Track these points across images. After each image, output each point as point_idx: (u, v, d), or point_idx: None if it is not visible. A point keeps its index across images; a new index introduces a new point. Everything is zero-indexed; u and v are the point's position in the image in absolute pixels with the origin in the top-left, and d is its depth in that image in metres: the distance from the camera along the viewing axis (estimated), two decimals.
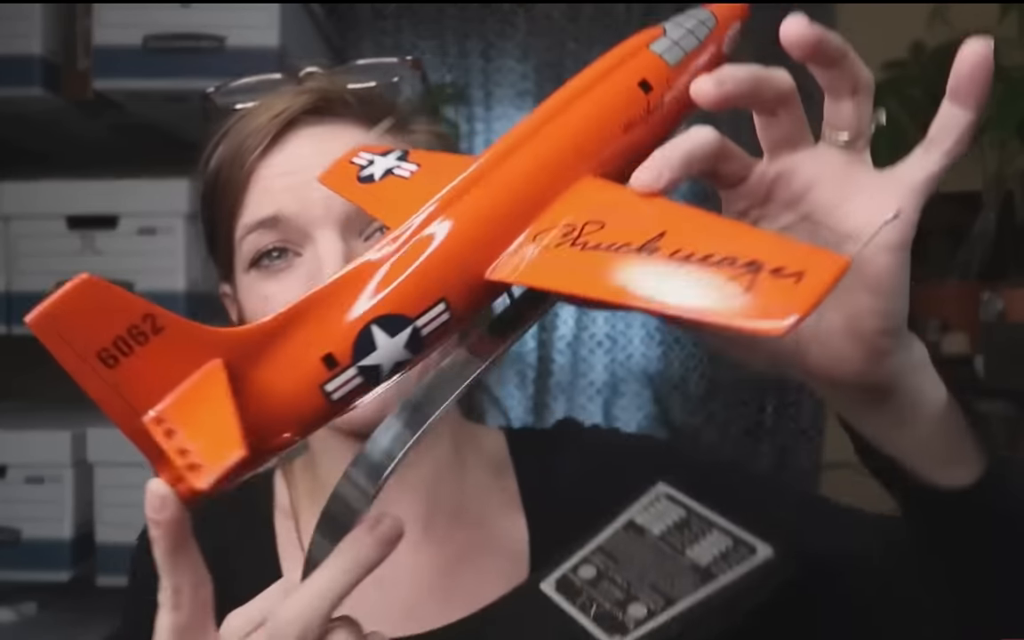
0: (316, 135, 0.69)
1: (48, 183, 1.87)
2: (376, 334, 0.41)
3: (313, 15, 2.09)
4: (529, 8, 2.49)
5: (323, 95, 0.69)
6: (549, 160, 0.43)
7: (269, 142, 0.68)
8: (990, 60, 0.45)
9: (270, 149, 0.68)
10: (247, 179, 0.69)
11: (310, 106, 0.69)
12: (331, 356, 0.41)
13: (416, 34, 2.51)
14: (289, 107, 0.68)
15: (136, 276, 1.78)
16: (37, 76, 1.78)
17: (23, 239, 1.83)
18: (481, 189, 0.42)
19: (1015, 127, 2.15)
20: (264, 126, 0.68)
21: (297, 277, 0.67)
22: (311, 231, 0.67)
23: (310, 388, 0.41)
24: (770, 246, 0.34)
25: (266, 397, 0.41)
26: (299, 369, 0.41)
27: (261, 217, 0.67)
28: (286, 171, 0.68)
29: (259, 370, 0.41)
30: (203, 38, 1.76)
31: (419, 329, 0.41)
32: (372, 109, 0.71)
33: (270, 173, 0.68)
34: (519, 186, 0.42)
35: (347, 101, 0.70)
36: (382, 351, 0.41)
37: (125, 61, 1.76)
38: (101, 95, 1.82)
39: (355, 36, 2.50)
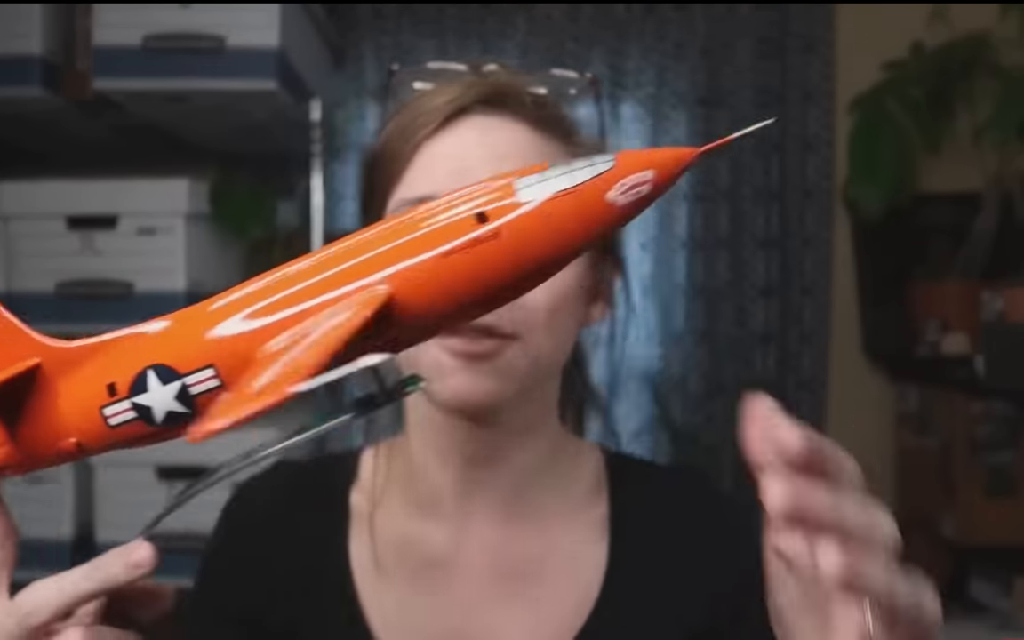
0: (485, 125, 0.70)
1: (48, 183, 1.86)
2: (151, 378, 0.47)
3: (313, 15, 2.08)
4: (529, 8, 2.49)
5: (499, 88, 0.71)
6: (337, 267, 0.47)
7: (440, 124, 0.70)
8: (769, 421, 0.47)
9: (439, 131, 0.70)
10: (411, 155, 0.70)
11: (483, 97, 0.70)
12: (113, 385, 0.47)
13: (416, 34, 2.51)
14: (464, 94, 0.70)
15: (136, 276, 1.77)
16: (37, 76, 1.78)
17: (23, 239, 1.83)
18: (277, 283, 0.47)
19: (1015, 127, 2.15)
20: (438, 107, 0.70)
21: None
22: None
23: (92, 408, 0.48)
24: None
25: (62, 404, 0.48)
26: (90, 388, 0.48)
27: (418, 194, 0.69)
28: (450, 155, 0.69)
29: (64, 380, 0.49)
30: (203, 38, 1.76)
31: (188, 386, 0.46)
32: (543, 112, 0.72)
33: (434, 154, 0.70)
34: (302, 290, 0.47)
35: (521, 99, 0.71)
36: (153, 394, 0.47)
37: (125, 61, 1.76)
38: (101, 95, 1.82)
39: (355, 36, 2.50)
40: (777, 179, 2.51)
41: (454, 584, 0.75)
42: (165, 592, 0.56)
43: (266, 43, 1.76)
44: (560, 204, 0.44)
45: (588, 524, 0.78)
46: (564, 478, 0.79)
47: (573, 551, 0.77)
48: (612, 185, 0.44)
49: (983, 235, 2.30)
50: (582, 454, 0.82)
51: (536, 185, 0.45)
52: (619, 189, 0.44)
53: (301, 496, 0.81)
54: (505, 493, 0.76)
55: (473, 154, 0.69)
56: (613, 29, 2.49)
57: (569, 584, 0.76)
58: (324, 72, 2.24)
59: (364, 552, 0.77)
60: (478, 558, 0.76)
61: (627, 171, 0.44)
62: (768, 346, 2.53)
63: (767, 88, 2.50)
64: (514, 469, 0.76)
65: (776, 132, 2.51)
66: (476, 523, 0.76)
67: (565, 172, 0.45)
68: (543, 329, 0.70)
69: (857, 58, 2.46)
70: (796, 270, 2.52)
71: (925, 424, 2.35)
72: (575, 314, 0.74)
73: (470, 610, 0.75)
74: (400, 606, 0.75)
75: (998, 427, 2.18)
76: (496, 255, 0.44)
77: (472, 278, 0.45)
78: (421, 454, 0.77)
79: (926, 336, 2.30)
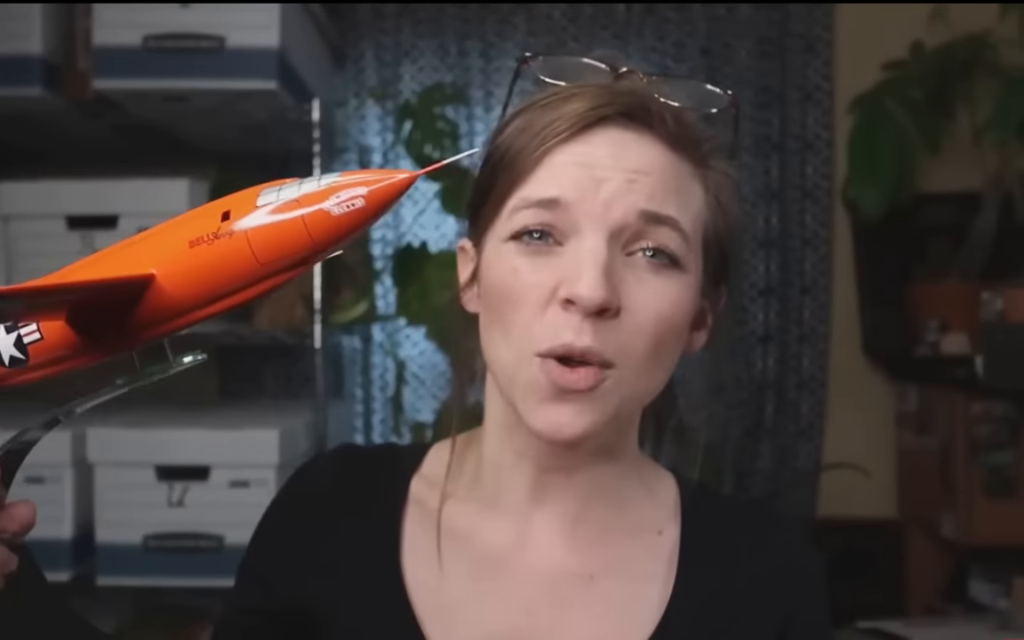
0: (621, 138, 0.69)
1: (48, 183, 1.87)
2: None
3: (313, 15, 2.08)
4: (529, 8, 2.49)
5: (641, 102, 0.69)
6: (121, 253, 0.56)
7: (576, 132, 0.68)
8: None
9: (573, 137, 0.69)
10: (541, 158, 0.69)
11: (624, 109, 0.69)
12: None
13: (416, 34, 2.51)
14: (606, 104, 0.69)
15: None
16: (37, 76, 1.78)
17: (23, 239, 1.83)
18: (89, 264, 0.57)
19: (1015, 127, 2.15)
20: (576, 114, 0.68)
21: (550, 263, 0.67)
22: (582, 227, 0.67)
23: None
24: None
25: None
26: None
27: (543, 196, 0.68)
28: (580, 162, 0.68)
29: None
30: (203, 38, 1.76)
31: (21, 335, 0.57)
32: (681, 131, 0.70)
33: (564, 159, 0.68)
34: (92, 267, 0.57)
35: (661, 115, 0.69)
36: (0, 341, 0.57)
37: (125, 61, 1.76)
38: (101, 95, 1.82)
39: (355, 36, 2.50)
40: (777, 179, 2.51)
41: (513, 584, 0.75)
42: (22, 513, 0.61)
43: (266, 43, 1.76)
44: (286, 208, 0.51)
45: (656, 548, 0.78)
46: (635, 499, 0.78)
47: (638, 572, 0.76)
48: (328, 196, 0.50)
49: (983, 235, 2.30)
50: (657, 480, 0.81)
51: (273, 192, 0.52)
52: (334, 200, 0.50)
53: (362, 480, 0.81)
54: (574, 504, 0.76)
55: (604, 165, 0.67)
56: (613, 29, 2.49)
57: (631, 603, 0.75)
58: (324, 72, 2.24)
59: (421, 543, 0.77)
60: (541, 562, 0.76)
61: (344, 186, 0.50)
62: (768, 346, 2.53)
63: (767, 88, 2.50)
64: (586, 483, 0.76)
65: (776, 132, 2.51)
66: (542, 528, 0.76)
67: (297, 184, 0.52)
68: (644, 359, 0.68)
69: (857, 58, 2.46)
70: (796, 270, 2.53)
71: (925, 424, 2.35)
72: (678, 345, 0.72)
73: (527, 613, 0.74)
74: (453, 599, 0.75)
75: (998, 427, 2.18)
76: (232, 251, 0.52)
77: (216, 269, 0.52)
78: (495, 452, 0.77)
79: (926, 336, 2.30)
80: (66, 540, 1.74)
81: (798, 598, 0.77)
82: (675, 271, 0.69)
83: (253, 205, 0.52)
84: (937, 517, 2.26)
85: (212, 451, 1.78)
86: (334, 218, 0.51)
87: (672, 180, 0.69)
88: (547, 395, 0.67)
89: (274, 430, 1.79)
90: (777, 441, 2.52)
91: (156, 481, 1.76)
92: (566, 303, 0.66)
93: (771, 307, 2.53)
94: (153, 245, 0.55)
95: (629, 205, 0.67)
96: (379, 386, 2.52)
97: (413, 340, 2.49)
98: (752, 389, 2.49)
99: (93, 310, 0.54)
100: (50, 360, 0.58)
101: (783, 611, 0.76)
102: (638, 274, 0.67)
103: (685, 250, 0.69)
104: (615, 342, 0.66)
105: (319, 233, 0.51)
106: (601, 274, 0.65)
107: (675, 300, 0.69)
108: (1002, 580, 2.13)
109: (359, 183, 0.51)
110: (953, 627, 2.02)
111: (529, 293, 0.67)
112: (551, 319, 0.66)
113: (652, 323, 0.67)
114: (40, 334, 0.57)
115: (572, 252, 0.67)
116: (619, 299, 0.66)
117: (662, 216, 0.68)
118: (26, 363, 0.58)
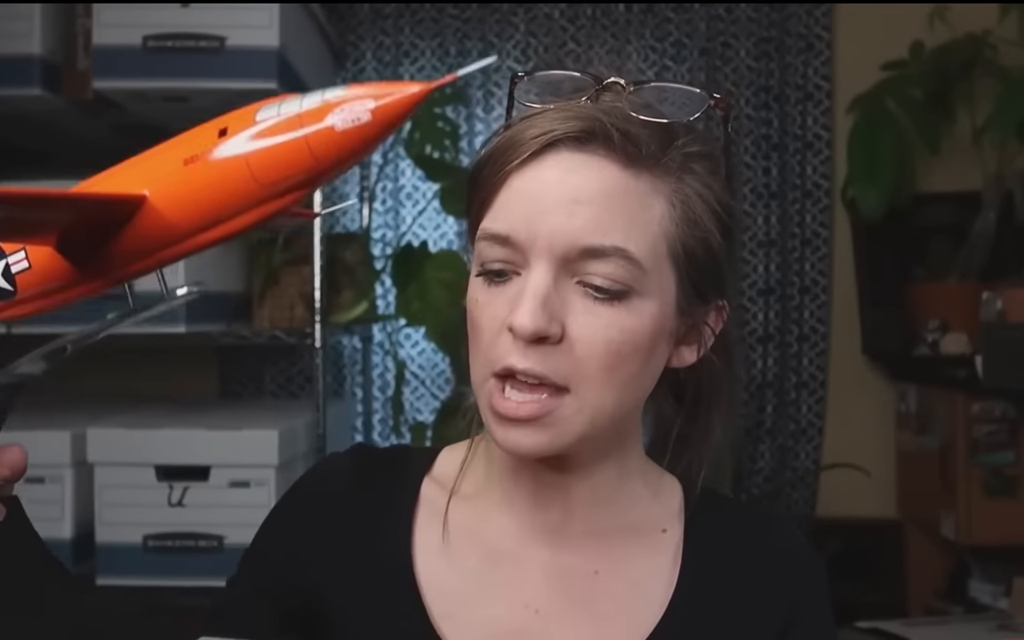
0: (568, 163, 0.69)
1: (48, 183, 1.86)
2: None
3: (313, 15, 2.09)
4: (529, 8, 2.50)
5: (588, 124, 0.70)
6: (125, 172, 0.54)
7: (526, 158, 0.70)
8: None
9: (526, 164, 0.70)
10: (500, 184, 0.71)
11: (572, 133, 0.70)
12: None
13: (416, 34, 2.51)
14: (552, 131, 0.70)
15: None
16: (37, 76, 1.78)
17: None
18: (79, 189, 0.53)
19: (1015, 127, 2.15)
20: (526, 142, 0.70)
21: (505, 295, 0.70)
22: (531, 259, 0.69)
23: None
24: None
25: None
26: None
27: (495, 231, 0.70)
28: (529, 192, 0.69)
29: None
30: (203, 38, 1.76)
31: (9, 265, 0.55)
32: (636, 147, 0.70)
33: (516, 189, 0.70)
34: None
35: (610, 137, 0.69)
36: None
37: (125, 61, 1.76)
38: (101, 95, 1.82)
39: (355, 36, 2.50)
40: (776, 179, 2.52)
41: (520, 581, 0.77)
42: (12, 457, 0.62)
43: (266, 43, 1.76)
44: (288, 124, 0.48)
45: (660, 546, 0.79)
46: (639, 500, 0.79)
47: (642, 569, 0.78)
48: (332, 110, 0.47)
49: (983, 235, 2.30)
50: (662, 481, 0.82)
51: (273, 108, 0.49)
52: (339, 114, 0.47)
53: (374, 479, 0.82)
54: (577, 505, 0.77)
55: (551, 194, 0.68)
56: (613, 29, 2.49)
57: (635, 600, 0.76)
58: (324, 72, 2.24)
59: (430, 540, 0.78)
60: (547, 559, 0.77)
61: (350, 99, 0.47)
62: (768, 346, 2.53)
63: (767, 88, 2.51)
64: (586, 486, 0.77)
65: (776, 132, 2.51)
66: (547, 527, 0.77)
67: (298, 100, 0.49)
68: (598, 382, 0.69)
69: (857, 58, 2.46)
70: (796, 270, 2.53)
71: (925, 424, 2.35)
72: (649, 361, 0.72)
73: (534, 609, 0.76)
74: (462, 597, 0.76)
75: (998, 427, 2.18)
76: (230, 170, 0.49)
77: (211, 189, 0.49)
78: (501, 453, 0.78)
79: (926, 336, 2.30)
80: (66, 540, 1.74)
81: (800, 595, 0.79)
82: (629, 297, 0.69)
83: (252, 121, 0.49)
84: (937, 517, 2.26)
85: (212, 451, 1.78)
86: (338, 134, 0.48)
87: (621, 204, 0.69)
88: (499, 418, 0.70)
89: (274, 430, 1.79)
90: (777, 441, 2.52)
91: (156, 481, 1.76)
92: (510, 330, 0.68)
93: (771, 307, 2.53)
94: (146, 165, 0.52)
95: (570, 239, 0.68)
96: (379, 386, 2.52)
97: (413, 340, 2.49)
98: (752, 389, 2.50)
99: (83, 233, 0.51)
100: (40, 292, 0.56)
101: (786, 608, 0.77)
102: (586, 303, 0.69)
103: (637, 275, 0.69)
104: (565, 366, 0.68)
105: (322, 151, 0.48)
106: (538, 305, 0.67)
107: (626, 328, 0.69)
108: (1002, 580, 2.13)
109: (365, 97, 0.48)
110: (953, 627, 2.03)
111: (488, 323, 0.70)
112: (501, 344, 0.69)
113: (601, 350, 0.69)
114: (28, 263, 0.55)
115: (522, 282, 0.69)
116: (560, 327, 0.68)
117: (604, 248, 0.68)
118: (14, 295, 0.56)
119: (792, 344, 2.52)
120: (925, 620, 2.14)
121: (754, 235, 2.51)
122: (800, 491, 2.50)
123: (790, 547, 0.81)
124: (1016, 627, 1.91)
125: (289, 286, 2.03)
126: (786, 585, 0.78)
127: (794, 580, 0.79)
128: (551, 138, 0.69)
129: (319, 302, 1.87)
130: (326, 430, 1.92)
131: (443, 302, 2.06)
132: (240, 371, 2.47)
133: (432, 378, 2.51)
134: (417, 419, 2.44)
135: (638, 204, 0.69)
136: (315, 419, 1.93)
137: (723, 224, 0.73)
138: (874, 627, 1.96)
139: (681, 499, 0.82)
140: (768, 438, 2.52)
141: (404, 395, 2.40)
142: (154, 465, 1.77)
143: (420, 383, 2.49)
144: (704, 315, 0.76)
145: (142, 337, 1.83)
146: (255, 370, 2.47)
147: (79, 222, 0.51)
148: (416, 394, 2.50)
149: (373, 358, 2.51)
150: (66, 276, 0.54)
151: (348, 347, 2.52)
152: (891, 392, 2.50)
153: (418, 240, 2.29)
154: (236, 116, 0.49)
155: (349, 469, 0.83)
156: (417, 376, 2.49)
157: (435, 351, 2.46)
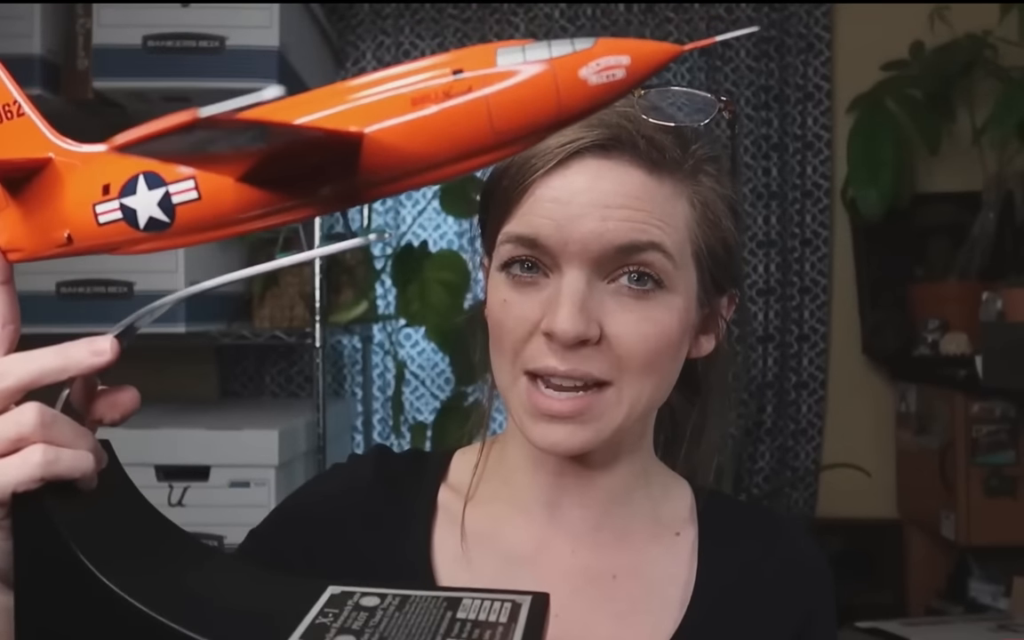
0: (596, 170, 0.69)
1: None
2: (140, 182, 0.51)
3: (313, 15, 2.09)
4: (529, 8, 2.50)
5: (613, 133, 0.70)
6: (322, 100, 0.48)
7: (553, 166, 0.70)
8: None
9: (552, 171, 0.70)
10: (523, 193, 0.71)
11: (600, 140, 0.70)
12: (108, 186, 0.52)
13: (416, 34, 2.51)
14: (578, 138, 0.70)
15: (136, 276, 1.77)
16: (37, 76, 1.78)
17: None
18: (273, 111, 0.47)
19: (1015, 127, 2.15)
20: (551, 151, 0.70)
21: (537, 296, 0.70)
22: (562, 263, 0.69)
23: (87, 203, 0.53)
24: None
25: (65, 198, 0.54)
26: (89, 186, 0.53)
27: (521, 234, 0.70)
28: (557, 198, 0.69)
29: (71, 177, 0.54)
30: (203, 38, 1.76)
31: (171, 194, 0.50)
32: (659, 153, 0.71)
33: (545, 193, 0.70)
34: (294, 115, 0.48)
35: (636, 143, 0.71)
36: (140, 197, 0.51)
37: (125, 61, 1.76)
38: (101, 95, 1.82)
39: (355, 36, 2.50)
40: (776, 179, 2.52)
41: (539, 585, 0.76)
42: (125, 399, 0.62)
43: (266, 43, 1.76)
44: (538, 73, 0.45)
45: (675, 549, 0.80)
46: (653, 502, 0.80)
47: (659, 572, 0.78)
48: (587, 62, 0.45)
49: (983, 235, 2.30)
50: (672, 483, 0.83)
51: (516, 53, 0.46)
52: (593, 67, 0.45)
53: (391, 483, 0.82)
54: (594, 507, 0.78)
55: (579, 200, 0.68)
56: (613, 29, 2.49)
57: (653, 603, 0.77)
58: (324, 72, 2.24)
59: (448, 545, 0.78)
60: (565, 563, 0.77)
61: (604, 52, 0.45)
62: (768, 346, 2.53)
63: (766, 88, 2.51)
64: (602, 487, 0.78)
65: (776, 132, 2.51)
66: (564, 530, 0.78)
67: (545, 46, 0.46)
68: (640, 374, 0.70)
69: (857, 58, 2.46)
70: (795, 270, 2.53)
71: (925, 424, 2.35)
72: (677, 354, 0.73)
73: (553, 613, 0.76)
74: None
75: (998, 427, 2.18)
76: (466, 115, 0.45)
77: (440, 134, 0.46)
78: (516, 455, 0.79)
79: (926, 336, 2.30)
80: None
81: (816, 597, 0.80)
82: (660, 292, 0.70)
83: (491, 63, 0.46)
84: (937, 517, 2.26)
85: (212, 451, 1.78)
86: (590, 88, 0.45)
87: (651, 205, 0.69)
88: (537, 416, 0.70)
89: (274, 430, 1.79)
90: (777, 441, 2.52)
91: (156, 481, 1.76)
92: (547, 335, 0.68)
93: (771, 307, 2.53)
94: (364, 98, 0.47)
95: (606, 242, 0.68)
96: (379, 386, 2.52)
97: (413, 340, 2.49)
98: (752, 389, 2.50)
99: (281, 166, 0.47)
100: (198, 226, 0.50)
101: (802, 610, 0.79)
102: (622, 301, 0.69)
103: (671, 270, 0.70)
104: (606, 362, 0.69)
105: (569, 104, 0.45)
106: (577, 309, 0.67)
107: (661, 321, 0.70)
108: (1002, 580, 2.13)
109: (623, 51, 0.45)
110: (953, 627, 2.02)
111: (517, 325, 0.70)
112: (534, 345, 0.69)
113: (640, 346, 0.69)
114: (198, 194, 0.49)
115: (554, 285, 0.69)
116: (598, 329, 0.68)
117: (642, 243, 0.68)
118: (168, 226, 0.50)
119: (792, 344, 2.53)
120: (925, 620, 2.14)
121: (754, 235, 2.51)
122: (800, 491, 2.50)
123: (804, 555, 0.82)
124: (1016, 627, 1.91)
125: (289, 286, 2.03)
126: (801, 594, 0.80)
127: (809, 589, 0.80)
128: (578, 146, 0.69)
129: (319, 302, 1.87)
130: (326, 430, 1.92)
131: (443, 302, 2.06)
132: (240, 371, 2.47)
133: (432, 378, 2.51)
134: (417, 419, 2.44)
135: (664, 207, 0.70)
136: (315, 419, 1.93)
137: (737, 220, 0.75)
138: (874, 627, 1.96)
139: (691, 500, 0.83)
140: (768, 438, 2.52)
141: (404, 395, 2.40)
142: (154, 465, 1.76)
143: (420, 383, 2.49)
144: (719, 305, 0.78)
145: (142, 337, 1.83)
146: (255, 370, 2.48)
147: (282, 155, 0.46)
148: (416, 394, 2.50)
149: (373, 358, 2.51)
150: (248, 206, 0.48)
151: (348, 347, 2.52)
152: (891, 392, 2.50)
153: (418, 240, 2.29)
154: (470, 55, 0.46)
155: (373, 475, 0.82)
156: (417, 376, 2.49)
157: (435, 351, 2.46)
